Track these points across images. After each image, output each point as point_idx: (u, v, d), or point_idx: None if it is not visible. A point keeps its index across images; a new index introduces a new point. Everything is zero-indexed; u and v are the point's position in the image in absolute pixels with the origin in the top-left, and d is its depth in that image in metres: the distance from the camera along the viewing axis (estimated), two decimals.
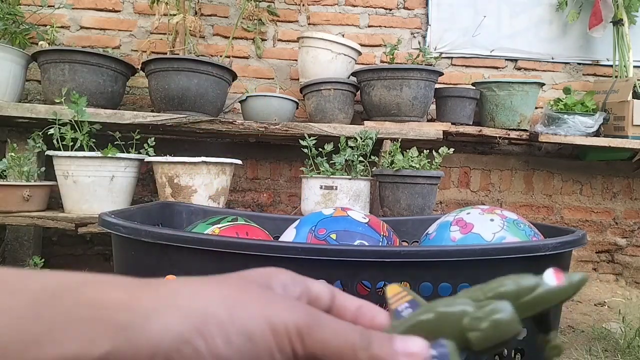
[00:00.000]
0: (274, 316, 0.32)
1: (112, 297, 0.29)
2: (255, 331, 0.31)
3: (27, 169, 1.99)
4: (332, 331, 0.33)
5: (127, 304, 0.29)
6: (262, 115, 2.25)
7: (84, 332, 0.27)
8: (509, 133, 2.40)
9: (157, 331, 0.29)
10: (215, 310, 0.31)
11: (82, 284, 0.30)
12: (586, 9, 2.68)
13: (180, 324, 0.29)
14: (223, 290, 0.32)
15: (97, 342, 0.27)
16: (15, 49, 2.11)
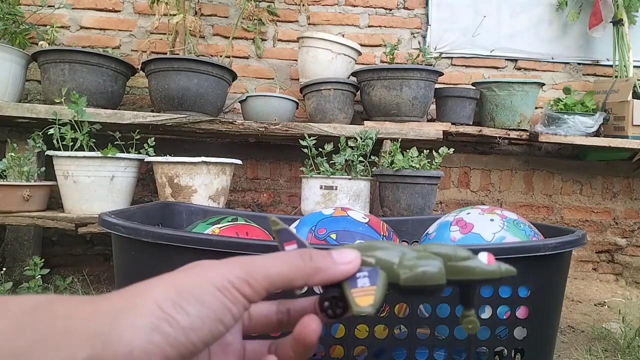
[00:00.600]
0: (215, 277, 0.36)
1: (80, 309, 0.32)
2: (203, 296, 0.35)
3: (27, 169, 1.98)
4: (272, 265, 0.39)
5: (93, 314, 0.32)
6: (262, 115, 2.24)
7: (63, 342, 0.30)
8: (509, 133, 2.40)
9: (127, 331, 0.32)
10: (165, 294, 0.34)
11: (53, 301, 0.32)
12: (586, 9, 2.68)
13: (142, 318, 0.32)
14: (168, 277, 0.36)
15: (77, 351, 0.30)
16: (15, 49, 2.10)
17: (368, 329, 0.68)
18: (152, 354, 0.32)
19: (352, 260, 0.41)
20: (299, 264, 0.40)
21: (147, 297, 0.34)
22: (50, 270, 2.04)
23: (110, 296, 0.34)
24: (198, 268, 0.37)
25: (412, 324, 0.69)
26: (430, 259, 0.42)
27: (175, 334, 0.33)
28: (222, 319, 0.35)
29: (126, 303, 0.34)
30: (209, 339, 0.35)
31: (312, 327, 0.40)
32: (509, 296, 0.71)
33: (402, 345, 0.69)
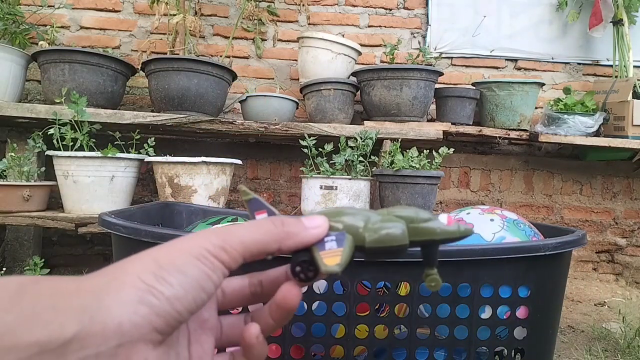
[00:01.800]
0: (192, 247, 0.37)
1: (63, 286, 0.33)
2: (184, 265, 0.36)
3: (27, 169, 1.98)
4: (246, 232, 0.40)
5: (77, 290, 0.32)
6: (262, 115, 2.24)
7: (50, 319, 0.30)
8: (509, 133, 2.40)
9: (114, 305, 0.32)
10: (146, 267, 0.35)
11: (36, 281, 0.32)
12: (586, 9, 2.68)
13: (127, 291, 0.33)
14: (146, 253, 0.37)
15: (65, 326, 0.30)
16: (15, 49, 2.10)
17: (368, 329, 0.68)
18: (140, 325, 0.33)
19: (320, 224, 0.43)
20: (272, 229, 0.41)
21: (129, 272, 0.35)
22: (50, 270, 2.03)
23: (92, 275, 0.35)
24: (175, 241, 0.38)
25: (412, 324, 0.69)
26: (394, 221, 0.44)
27: (160, 304, 0.34)
28: (204, 286, 0.36)
29: (109, 278, 0.34)
30: (193, 307, 0.36)
31: (293, 292, 0.42)
32: (509, 296, 0.71)
33: (402, 345, 0.69)
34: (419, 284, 0.68)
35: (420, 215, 0.45)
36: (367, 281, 0.70)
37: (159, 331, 0.34)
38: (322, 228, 0.43)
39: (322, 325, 0.68)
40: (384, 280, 0.69)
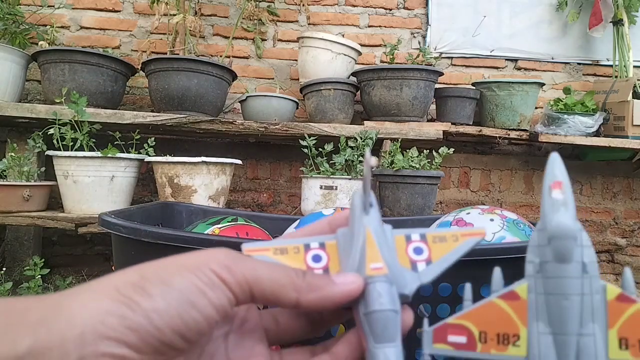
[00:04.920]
0: (189, 262, 0.33)
1: (22, 304, 0.29)
2: (171, 277, 0.31)
3: (27, 169, 1.98)
4: (261, 265, 0.35)
5: (37, 304, 0.29)
6: (262, 115, 2.24)
7: (2, 335, 0.27)
8: (509, 133, 2.40)
9: (77, 313, 0.29)
10: (126, 279, 0.31)
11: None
12: (586, 9, 2.68)
13: (96, 301, 0.30)
14: (139, 265, 0.33)
15: (17, 341, 0.27)
16: (15, 49, 2.10)
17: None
18: (107, 337, 0.29)
19: (353, 280, 0.36)
20: (292, 274, 0.36)
21: (105, 282, 0.31)
22: (50, 270, 2.04)
23: (55, 294, 0.31)
24: (176, 255, 0.35)
25: (412, 325, 0.68)
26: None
27: (134, 317, 0.29)
28: (195, 302, 0.31)
29: (79, 289, 0.31)
30: (180, 325, 0.31)
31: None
32: None
33: (403, 345, 0.69)
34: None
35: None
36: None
37: (133, 348, 0.29)
38: (355, 285, 0.36)
39: None
40: None
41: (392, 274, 0.38)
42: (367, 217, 0.39)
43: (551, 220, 0.37)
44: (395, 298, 0.37)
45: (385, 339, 0.35)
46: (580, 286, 0.37)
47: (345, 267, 0.39)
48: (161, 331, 0.30)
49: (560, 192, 0.38)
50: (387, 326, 0.35)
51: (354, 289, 0.36)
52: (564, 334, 0.37)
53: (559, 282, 0.37)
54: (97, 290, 0.30)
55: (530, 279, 0.39)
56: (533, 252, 0.39)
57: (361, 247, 0.38)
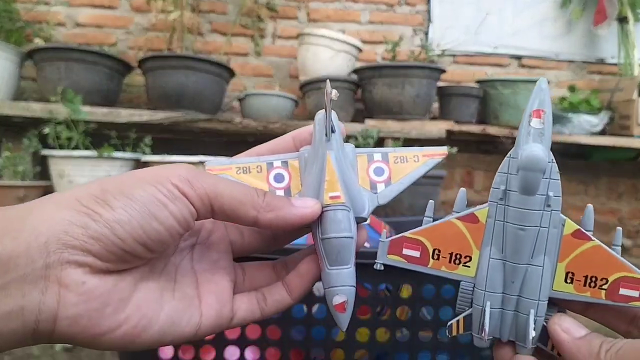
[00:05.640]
0: (151, 174, 0.33)
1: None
2: (132, 189, 0.32)
3: (22, 168, 1.96)
4: (223, 182, 0.36)
5: (0, 215, 0.30)
6: (261, 114, 2.22)
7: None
8: (513, 132, 2.36)
9: (41, 223, 0.29)
10: (88, 191, 0.32)
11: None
12: (590, 6, 2.64)
13: (60, 211, 0.30)
14: (100, 179, 0.34)
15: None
16: (10, 46, 2.09)
17: (369, 332, 0.66)
18: (71, 246, 0.30)
19: (311, 205, 0.38)
20: (252, 193, 0.37)
21: (68, 195, 0.32)
22: None
23: (21, 205, 0.32)
24: (138, 170, 0.35)
25: (414, 327, 0.66)
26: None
27: (96, 227, 0.30)
28: (156, 214, 0.32)
29: (42, 201, 0.32)
30: (142, 235, 0.32)
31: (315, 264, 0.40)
32: None
33: (404, 348, 0.67)
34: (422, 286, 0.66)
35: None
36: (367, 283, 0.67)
37: (97, 256, 0.31)
38: (311, 209, 0.38)
39: (323, 328, 0.65)
40: (384, 282, 0.67)
41: (351, 198, 0.40)
42: (328, 143, 0.40)
43: (524, 150, 0.37)
44: (351, 224, 0.39)
45: (339, 263, 0.38)
46: (540, 219, 0.37)
47: (305, 190, 0.41)
48: (124, 241, 0.31)
49: (540, 122, 0.37)
50: (340, 251, 0.38)
51: (310, 213, 0.38)
52: (514, 262, 0.38)
53: (520, 212, 0.38)
54: (60, 202, 0.31)
55: (492, 205, 0.39)
56: (500, 178, 0.39)
57: (321, 174, 0.39)
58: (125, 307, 0.33)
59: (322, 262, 0.39)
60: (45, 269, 0.29)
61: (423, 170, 0.43)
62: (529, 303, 0.38)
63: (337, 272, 0.38)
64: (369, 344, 0.66)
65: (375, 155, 0.44)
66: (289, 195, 0.42)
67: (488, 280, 0.39)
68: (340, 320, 0.40)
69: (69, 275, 0.30)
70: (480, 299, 0.40)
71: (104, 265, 0.31)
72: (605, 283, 0.37)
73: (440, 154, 0.44)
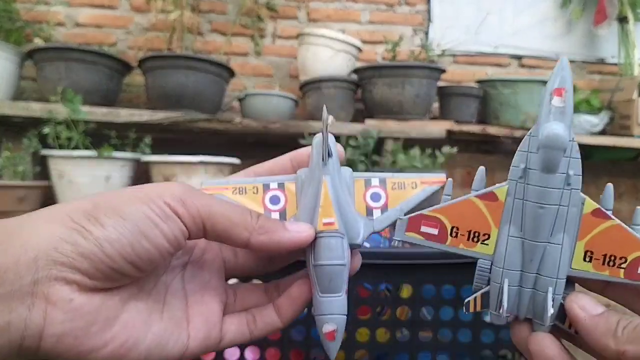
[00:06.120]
0: (143, 194, 0.33)
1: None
2: (123, 207, 0.32)
3: (22, 168, 1.96)
4: (216, 202, 0.36)
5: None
6: (261, 114, 2.22)
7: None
8: (513, 132, 2.36)
9: (31, 238, 0.29)
10: (79, 207, 0.32)
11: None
12: (590, 6, 2.64)
13: (50, 226, 0.30)
14: (92, 195, 0.34)
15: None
16: (10, 46, 2.09)
17: (369, 333, 0.66)
18: (60, 262, 0.29)
19: (304, 230, 0.38)
20: (246, 215, 0.36)
21: (58, 210, 0.32)
22: None
23: (16, 217, 0.32)
24: (131, 187, 0.35)
25: (414, 327, 0.66)
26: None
27: (86, 244, 0.30)
28: (146, 233, 0.32)
29: (32, 216, 0.31)
30: (130, 254, 0.31)
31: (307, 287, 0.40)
32: None
33: (404, 349, 0.67)
34: (422, 286, 0.66)
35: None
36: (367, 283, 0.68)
37: (86, 274, 0.30)
38: (305, 234, 0.37)
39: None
40: (384, 282, 0.67)
41: (346, 224, 0.39)
42: (325, 167, 0.40)
43: (544, 129, 0.37)
44: (344, 251, 0.38)
45: (331, 290, 0.38)
46: (560, 197, 0.38)
47: (300, 213, 0.40)
48: (112, 259, 0.31)
49: (561, 100, 0.38)
50: (333, 278, 0.38)
51: (303, 238, 0.37)
52: (533, 240, 0.38)
53: (540, 191, 0.38)
54: (50, 218, 0.31)
55: (511, 183, 0.40)
56: (520, 157, 0.40)
57: (316, 199, 0.39)
58: (112, 326, 0.32)
59: (314, 288, 0.39)
60: (33, 285, 0.29)
61: (421, 197, 0.43)
62: (548, 281, 0.38)
63: (328, 300, 0.38)
64: (369, 344, 0.66)
65: (373, 181, 0.43)
66: (284, 218, 0.41)
67: (506, 258, 0.39)
68: (329, 348, 0.40)
69: (57, 293, 0.29)
70: (498, 276, 0.39)
71: (92, 283, 0.31)
72: (624, 262, 0.37)
73: (438, 181, 0.44)
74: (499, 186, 0.41)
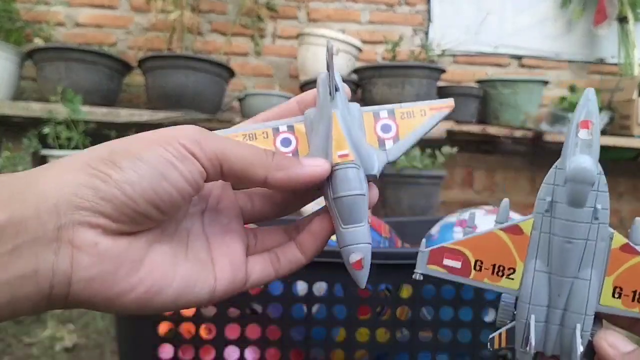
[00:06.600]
0: (159, 136, 0.33)
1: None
2: (140, 151, 0.32)
3: (22, 168, 1.96)
4: (231, 142, 0.36)
5: (9, 181, 0.30)
6: None
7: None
8: (513, 132, 2.36)
9: (50, 187, 0.29)
10: (95, 154, 0.32)
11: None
12: (591, 6, 2.64)
13: (68, 174, 0.30)
14: (108, 142, 0.33)
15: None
16: (10, 46, 2.09)
17: (369, 333, 0.66)
18: (82, 207, 0.29)
19: (320, 164, 0.38)
20: (261, 153, 0.36)
21: (75, 159, 0.32)
22: None
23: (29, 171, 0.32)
24: (146, 132, 0.34)
25: (414, 327, 0.66)
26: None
27: (107, 188, 0.30)
28: (165, 174, 0.32)
29: (49, 166, 0.31)
30: (152, 195, 0.31)
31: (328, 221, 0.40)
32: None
33: (404, 349, 0.67)
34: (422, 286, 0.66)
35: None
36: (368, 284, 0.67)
37: (109, 217, 0.30)
38: (321, 168, 0.37)
39: (323, 328, 0.66)
40: (385, 282, 0.67)
41: (360, 156, 0.39)
42: (333, 101, 0.40)
43: (571, 162, 0.36)
44: (362, 181, 0.38)
45: (353, 221, 0.38)
46: (587, 232, 0.37)
47: (313, 151, 0.40)
48: (135, 201, 0.31)
49: (588, 133, 0.36)
50: (353, 209, 0.38)
51: (320, 171, 0.37)
52: (560, 275, 0.38)
53: (567, 225, 0.37)
54: (67, 166, 0.31)
55: (537, 216, 0.38)
56: (546, 190, 0.38)
57: (328, 133, 0.39)
58: (138, 269, 0.32)
59: (335, 222, 0.39)
60: (57, 230, 0.29)
61: (431, 124, 0.43)
62: (575, 317, 0.37)
63: (351, 230, 0.38)
64: (369, 344, 0.66)
65: (382, 113, 0.44)
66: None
67: (533, 293, 0.38)
68: (358, 277, 0.40)
69: (82, 237, 0.30)
70: (524, 312, 0.39)
71: (116, 226, 0.31)
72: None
73: (447, 106, 0.43)
74: (524, 219, 0.39)
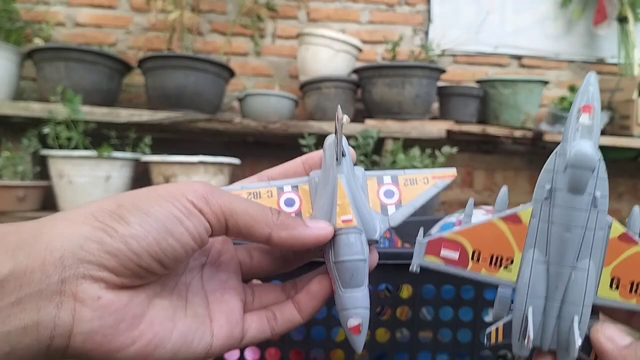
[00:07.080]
0: (166, 191, 0.33)
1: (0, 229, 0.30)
2: (148, 205, 0.32)
3: (21, 168, 1.96)
4: (237, 199, 0.36)
5: (12, 231, 0.29)
6: (261, 114, 2.21)
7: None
8: (513, 132, 2.36)
9: (56, 238, 0.29)
10: (103, 206, 0.32)
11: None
12: (591, 5, 2.64)
13: (74, 226, 0.30)
14: (115, 195, 0.34)
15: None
16: (9, 46, 2.08)
17: (369, 333, 0.65)
18: (87, 261, 0.30)
19: (324, 227, 0.38)
20: (267, 212, 0.37)
21: (82, 211, 0.32)
22: None
23: (37, 220, 0.32)
24: (154, 186, 0.35)
25: (414, 327, 0.66)
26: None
27: (112, 242, 0.30)
28: (172, 230, 0.32)
29: (56, 217, 0.31)
30: (157, 251, 0.32)
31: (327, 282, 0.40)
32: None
33: (404, 349, 0.67)
34: (422, 286, 0.66)
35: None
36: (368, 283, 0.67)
37: (113, 271, 0.30)
38: (325, 231, 0.38)
39: (322, 328, 0.65)
40: (385, 282, 0.67)
41: (363, 221, 0.40)
42: (339, 166, 0.40)
43: (572, 147, 0.35)
44: (364, 246, 0.39)
45: (353, 285, 0.38)
46: (586, 220, 0.36)
47: (317, 213, 0.41)
48: (139, 256, 0.31)
49: (589, 117, 0.36)
50: (354, 274, 0.38)
51: (324, 234, 0.38)
52: (558, 265, 0.37)
53: (566, 212, 0.36)
54: (75, 218, 0.31)
55: (536, 204, 0.38)
56: (546, 177, 0.37)
57: (333, 198, 0.39)
58: (139, 323, 0.32)
59: (335, 285, 0.39)
60: (60, 283, 0.29)
61: (433, 192, 0.44)
62: (573, 309, 0.37)
63: (351, 295, 0.38)
64: (369, 344, 0.65)
65: (385, 178, 0.44)
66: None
67: (531, 284, 0.38)
68: (356, 342, 0.40)
69: (85, 290, 0.30)
70: (522, 304, 0.38)
71: (119, 280, 0.31)
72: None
73: (449, 175, 0.44)
74: (523, 208, 0.39)
